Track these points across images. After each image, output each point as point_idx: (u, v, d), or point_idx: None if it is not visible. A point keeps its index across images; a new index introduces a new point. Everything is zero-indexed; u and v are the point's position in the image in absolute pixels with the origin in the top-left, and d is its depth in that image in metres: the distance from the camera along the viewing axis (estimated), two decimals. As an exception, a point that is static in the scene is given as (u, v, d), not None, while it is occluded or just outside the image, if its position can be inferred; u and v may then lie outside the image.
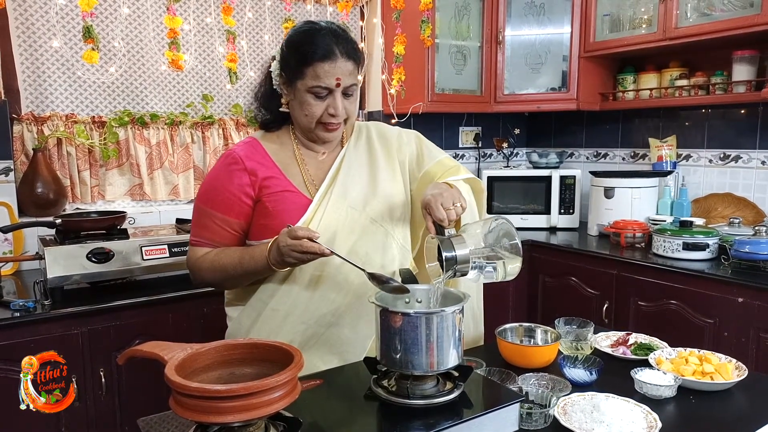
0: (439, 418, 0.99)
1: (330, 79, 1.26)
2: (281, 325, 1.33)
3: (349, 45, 1.30)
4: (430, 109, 3.03)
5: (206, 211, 1.35)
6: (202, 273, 1.34)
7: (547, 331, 1.47)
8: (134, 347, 0.99)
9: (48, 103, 2.42)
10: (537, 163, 3.32)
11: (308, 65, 1.26)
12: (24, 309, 1.78)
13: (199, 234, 1.36)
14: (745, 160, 2.78)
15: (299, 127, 1.38)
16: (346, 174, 1.39)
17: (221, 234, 1.34)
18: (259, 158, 1.36)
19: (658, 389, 1.22)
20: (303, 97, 1.30)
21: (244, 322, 1.39)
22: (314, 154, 1.42)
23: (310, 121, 1.32)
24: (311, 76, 1.27)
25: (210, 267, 1.33)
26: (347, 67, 1.28)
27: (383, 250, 1.38)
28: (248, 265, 1.28)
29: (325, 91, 1.28)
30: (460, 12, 3.11)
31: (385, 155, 1.45)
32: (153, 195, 2.64)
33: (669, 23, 2.64)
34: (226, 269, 1.31)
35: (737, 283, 2.13)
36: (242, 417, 0.84)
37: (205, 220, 1.35)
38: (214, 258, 1.33)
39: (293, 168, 1.38)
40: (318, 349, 1.34)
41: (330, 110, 1.30)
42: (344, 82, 1.28)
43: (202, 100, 2.75)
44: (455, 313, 1.05)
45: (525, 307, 3.00)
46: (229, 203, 1.33)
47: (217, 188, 1.34)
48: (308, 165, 1.40)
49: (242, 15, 2.78)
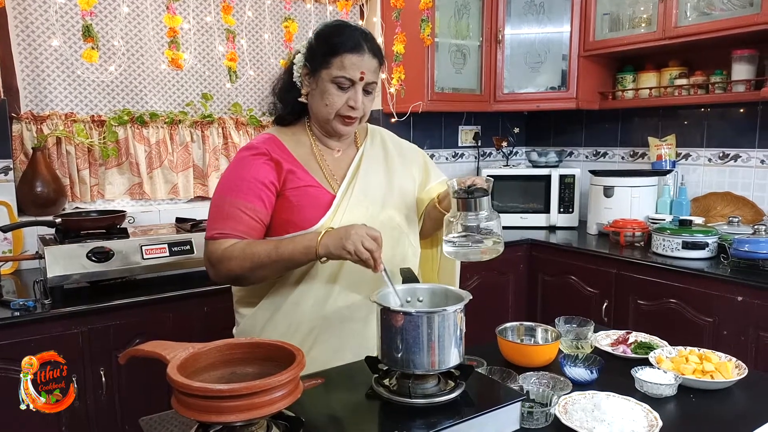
0: (441, 417, 0.99)
1: (355, 72, 1.30)
2: (300, 319, 1.35)
3: (375, 45, 1.37)
4: (429, 108, 3.03)
5: (231, 201, 1.31)
6: (231, 263, 1.27)
7: (548, 330, 1.47)
8: (135, 347, 0.99)
9: (47, 102, 2.41)
10: (536, 162, 3.32)
11: (336, 55, 1.30)
12: (24, 308, 1.78)
13: (223, 226, 1.30)
14: (744, 159, 2.79)
15: (317, 119, 1.40)
16: (366, 172, 1.42)
17: (249, 223, 1.30)
18: (280, 152, 1.37)
19: (658, 388, 1.23)
20: (326, 86, 1.33)
21: (259, 318, 1.39)
22: (330, 151, 1.44)
23: (330, 111, 1.34)
24: (337, 66, 1.30)
25: (240, 255, 1.26)
26: (372, 64, 1.34)
27: (397, 247, 1.42)
28: (284, 249, 1.25)
29: (349, 83, 1.32)
30: (459, 11, 3.11)
31: (400, 160, 1.51)
32: (152, 194, 2.64)
33: (668, 22, 2.64)
34: (260, 256, 1.25)
35: (736, 281, 2.14)
36: (244, 416, 0.84)
37: (229, 210, 1.31)
38: (245, 246, 1.27)
39: (313, 163, 1.40)
40: (332, 344, 1.36)
41: (350, 102, 1.33)
42: (367, 78, 1.33)
43: (201, 99, 2.75)
44: (456, 313, 1.05)
45: (524, 306, 3.00)
46: (256, 190, 1.31)
47: (243, 177, 1.33)
48: (327, 161, 1.42)
49: (242, 14, 2.78)
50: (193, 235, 2.15)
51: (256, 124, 2.85)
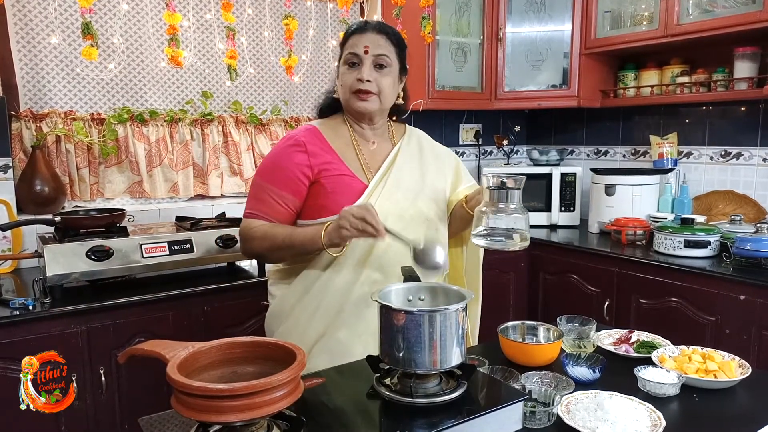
0: (443, 416, 0.98)
1: (359, 48, 1.41)
2: (329, 302, 1.41)
3: (382, 24, 1.47)
4: (430, 106, 3.02)
5: (264, 186, 1.43)
6: (254, 242, 1.42)
7: (550, 329, 1.46)
8: (135, 346, 0.99)
9: (47, 100, 2.41)
10: (537, 161, 3.31)
11: (346, 41, 1.44)
12: (23, 307, 1.77)
13: (255, 207, 1.44)
14: (746, 158, 2.78)
15: (344, 105, 1.49)
16: (400, 166, 1.50)
17: (276, 208, 1.42)
18: (318, 143, 1.45)
19: (661, 387, 1.22)
20: (341, 71, 1.45)
21: (289, 299, 1.48)
22: (366, 143, 1.52)
23: (346, 91, 1.44)
24: (346, 48, 1.44)
25: (262, 236, 1.40)
26: (377, 39, 1.42)
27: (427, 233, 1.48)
28: (296, 237, 1.37)
29: (356, 59, 1.41)
30: (460, 9, 3.10)
31: (434, 159, 1.59)
32: (152, 192, 2.63)
33: (670, 20, 2.63)
34: (276, 239, 1.39)
35: (739, 280, 2.13)
36: (245, 416, 0.83)
37: (262, 195, 1.43)
38: (267, 229, 1.41)
39: (350, 153, 1.47)
40: (357, 328, 1.41)
41: (358, 76, 1.41)
42: (372, 50, 1.41)
43: (201, 97, 2.74)
44: (458, 311, 1.05)
45: (525, 305, 2.99)
46: (288, 180, 1.42)
47: (278, 165, 1.44)
48: (363, 152, 1.49)
49: (242, 11, 2.77)
50: (193, 234, 2.14)
51: (256, 122, 2.84)
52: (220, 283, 2.07)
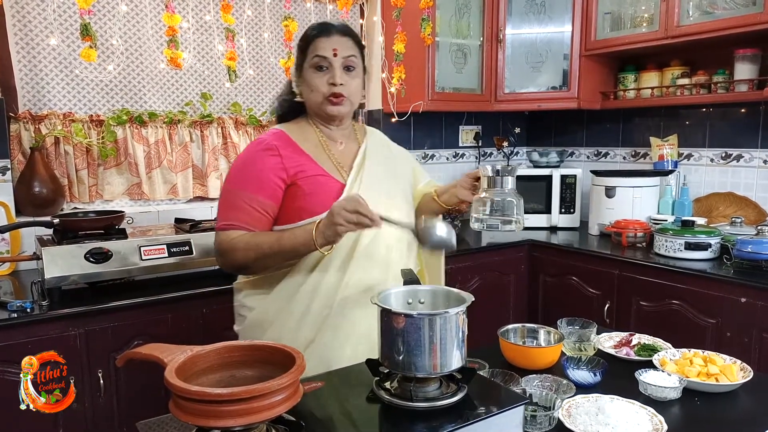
0: (443, 420, 0.97)
1: (327, 51, 1.40)
2: (316, 305, 1.38)
3: (345, 27, 1.45)
4: (430, 107, 3.01)
5: (239, 194, 1.38)
6: (236, 253, 1.34)
7: (550, 332, 1.45)
8: (133, 349, 0.98)
9: (45, 102, 2.40)
10: (537, 162, 3.31)
11: (309, 44, 1.42)
12: (21, 310, 1.76)
13: (231, 217, 1.37)
14: (746, 159, 2.77)
15: (312, 109, 1.48)
16: (371, 163, 1.49)
17: (255, 216, 1.37)
18: (289, 146, 1.43)
19: (663, 391, 1.21)
20: (308, 75, 1.42)
21: (271, 308, 1.42)
22: (335, 143, 1.50)
23: (317, 96, 1.42)
24: (311, 52, 1.41)
25: (245, 246, 1.34)
26: (343, 41, 1.42)
27: (403, 237, 1.47)
28: (285, 242, 1.31)
29: (325, 62, 1.40)
30: (460, 10, 3.09)
31: (397, 156, 1.62)
32: (151, 194, 2.62)
33: (670, 21, 2.63)
34: (262, 247, 1.33)
35: (740, 283, 2.12)
36: (243, 421, 0.82)
37: (237, 202, 1.37)
38: (249, 238, 1.34)
39: (321, 154, 1.46)
40: (344, 329, 1.39)
41: (330, 80, 1.40)
42: (341, 53, 1.40)
43: (200, 99, 2.73)
44: (458, 315, 1.04)
45: (525, 307, 2.98)
46: (264, 184, 1.37)
47: (252, 170, 1.39)
48: (333, 152, 1.48)
49: (241, 13, 2.77)
50: (192, 236, 2.13)
51: (256, 123, 2.83)
52: (218, 286, 2.06)
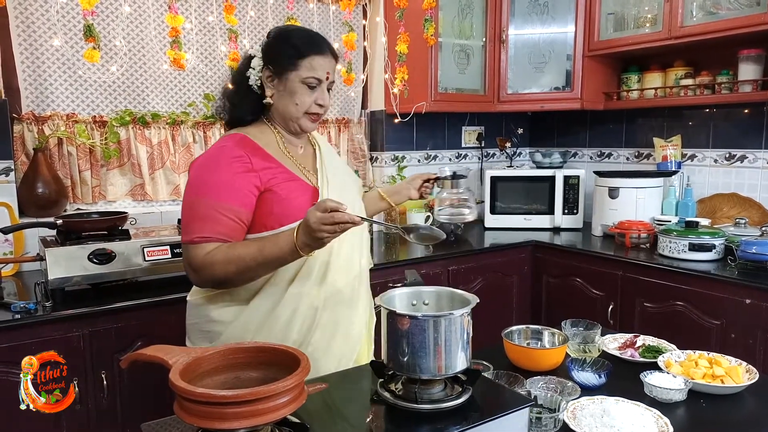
0: (448, 422, 0.97)
1: (322, 72, 1.40)
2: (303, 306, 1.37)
3: (331, 45, 1.46)
4: (433, 108, 3.01)
5: (209, 203, 1.30)
6: (214, 268, 1.27)
7: (555, 333, 1.45)
8: (138, 351, 0.98)
9: (48, 103, 2.40)
10: (540, 163, 3.30)
11: (303, 57, 1.38)
12: (25, 311, 1.76)
13: (206, 229, 1.29)
14: (750, 160, 2.76)
15: (283, 118, 1.44)
16: (330, 164, 1.51)
17: (229, 225, 1.30)
18: (257, 152, 1.38)
19: (668, 393, 1.21)
20: (295, 87, 1.39)
21: (254, 317, 1.37)
22: (295, 148, 1.49)
23: (300, 110, 1.41)
24: (306, 68, 1.39)
25: (224, 259, 1.26)
26: (333, 64, 1.44)
27: (363, 233, 1.53)
28: (270, 253, 1.25)
29: (317, 82, 1.40)
30: (463, 11, 3.09)
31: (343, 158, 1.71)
32: (154, 195, 2.62)
33: (674, 22, 2.62)
34: (244, 260, 1.25)
35: (744, 284, 2.11)
36: (248, 423, 0.82)
37: (209, 212, 1.29)
38: (227, 250, 1.27)
39: (286, 159, 1.44)
40: (329, 327, 1.41)
41: (319, 101, 1.42)
42: (331, 77, 1.44)
43: (203, 100, 2.73)
44: (463, 316, 1.04)
45: (529, 308, 2.98)
46: (236, 192, 1.31)
47: (221, 178, 1.31)
48: (294, 156, 1.47)
49: (244, 13, 2.77)
50: (195, 237, 2.13)
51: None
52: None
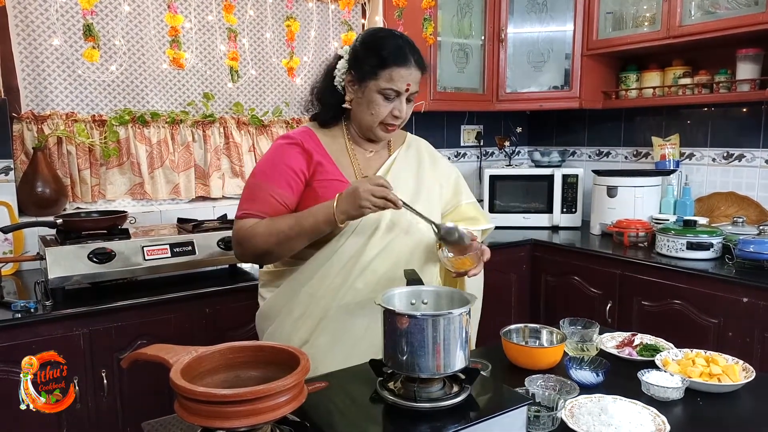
0: (446, 421, 0.98)
1: (402, 84, 1.38)
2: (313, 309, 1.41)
3: (420, 56, 1.44)
4: (432, 107, 3.01)
5: (261, 185, 1.40)
6: (256, 239, 1.36)
7: (553, 332, 1.46)
8: (138, 350, 0.98)
9: (48, 102, 2.40)
10: (539, 162, 3.31)
11: (385, 68, 1.37)
12: (25, 310, 1.77)
13: (251, 207, 1.39)
14: (748, 159, 2.77)
15: (359, 124, 1.46)
16: (395, 175, 1.47)
17: (275, 207, 1.39)
18: (314, 145, 1.44)
19: (665, 391, 1.21)
20: (372, 97, 1.39)
21: (278, 301, 1.47)
22: (363, 151, 1.51)
23: (375, 120, 1.41)
24: (385, 79, 1.37)
25: (265, 231, 1.35)
26: (417, 76, 1.41)
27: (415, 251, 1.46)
28: (306, 222, 1.33)
29: (394, 94, 1.39)
30: (462, 10, 3.09)
31: (431, 170, 1.57)
32: (154, 194, 2.62)
33: (672, 21, 2.63)
34: (283, 230, 1.34)
35: (742, 282, 2.12)
36: (248, 422, 0.83)
37: (259, 194, 1.40)
38: (268, 223, 1.36)
39: (345, 160, 1.46)
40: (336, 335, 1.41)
41: (395, 112, 1.40)
42: (412, 89, 1.41)
43: (203, 99, 2.73)
44: (462, 315, 1.04)
45: (527, 307, 2.99)
46: (287, 178, 1.40)
47: (275, 163, 1.41)
48: (359, 159, 1.48)
49: (244, 13, 2.77)
50: (194, 236, 2.13)
51: (258, 123, 2.84)
52: (221, 285, 2.07)
